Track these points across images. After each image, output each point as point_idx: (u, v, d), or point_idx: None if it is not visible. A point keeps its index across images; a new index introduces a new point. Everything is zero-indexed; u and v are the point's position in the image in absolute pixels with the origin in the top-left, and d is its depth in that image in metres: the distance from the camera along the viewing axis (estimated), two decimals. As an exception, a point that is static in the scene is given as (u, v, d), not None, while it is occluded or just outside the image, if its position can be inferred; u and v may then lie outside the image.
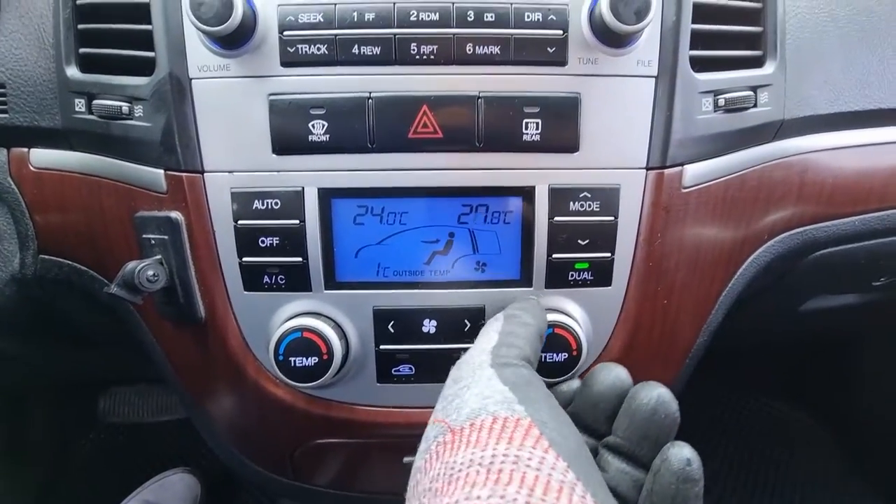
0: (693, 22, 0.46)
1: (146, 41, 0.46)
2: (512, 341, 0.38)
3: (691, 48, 0.46)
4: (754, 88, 0.49)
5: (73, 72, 0.49)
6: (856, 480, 1.12)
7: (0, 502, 0.99)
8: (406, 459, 0.56)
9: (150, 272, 0.45)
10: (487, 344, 0.38)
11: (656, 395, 0.37)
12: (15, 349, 0.75)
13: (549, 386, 0.46)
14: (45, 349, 0.79)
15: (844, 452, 1.15)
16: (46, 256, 0.56)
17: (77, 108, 0.49)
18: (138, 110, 0.46)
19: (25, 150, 0.53)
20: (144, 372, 1.20)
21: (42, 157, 0.53)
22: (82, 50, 0.49)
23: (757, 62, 0.51)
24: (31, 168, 0.53)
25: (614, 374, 0.40)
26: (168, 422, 1.30)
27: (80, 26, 0.49)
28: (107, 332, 0.69)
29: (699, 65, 0.47)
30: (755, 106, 0.50)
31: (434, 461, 0.30)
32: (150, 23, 0.45)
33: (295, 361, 0.46)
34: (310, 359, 0.46)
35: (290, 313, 0.48)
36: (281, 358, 0.46)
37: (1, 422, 1.03)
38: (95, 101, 0.47)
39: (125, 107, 0.46)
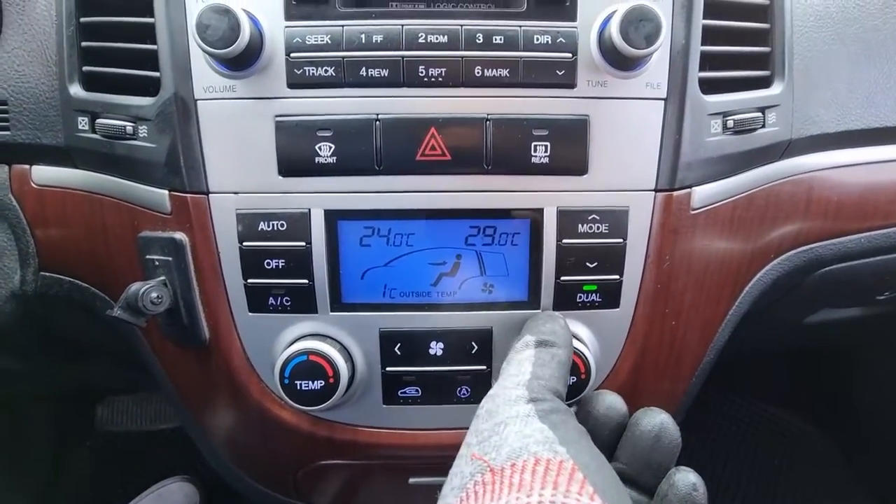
0: (702, 44, 0.46)
1: (151, 60, 0.45)
2: (545, 373, 0.37)
3: (700, 70, 0.46)
4: (762, 109, 0.49)
5: (76, 90, 0.48)
6: (857, 488, 1.12)
7: (-2, 513, 0.99)
8: (412, 480, 0.56)
9: (154, 294, 0.44)
10: (521, 377, 0.37)
11: (659, 422, 0.37)
12: (15, 364, 0.74)
13: None
14: (44, 364, 0.79)
15: (846, 460, 1.15)
16: (47, 273, 0.55)
17: (80, 127, 0.48)
18: (143, 130, 0.45)
19: (27, 167, 0.52)
20: (143, 383, 1.20)
21: (44, 174, 0.52)
22: (86, 68, 0.48)
23: (765, 82, 0.51)
24: (33, 185, 0.52)
25: (607, 404, 0.40)
26: (166, 430, 1.29)
27: (84, 44, 0.48)
28: (107, 349, 0.69)
29: (707, 85, 0.47)
30: (763, 126, 0.49)
31: (473, 502, 0.30)
32: (154, 42, 0.45)
33: (301, 385, 0.45)
34: (316, 382, 0.45)
35: (296, 335, 0.47)
36: (286, 381, 0.45)
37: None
38: (99, 120, 0.47)
39: (129, 126, 0.46)
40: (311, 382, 0.45)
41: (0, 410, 1.02)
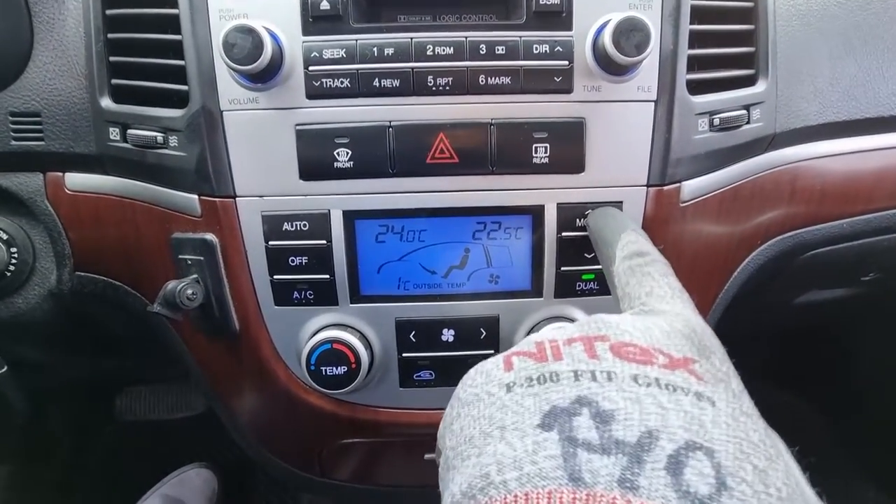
0: (689, 47, 0.49)
1: (176, 74, 0.48)
2: None
3: (688, 71, 0.49)
4: (747, 107, 0.53)
5: (107, 102, 0.52)
6: (847, 462, 1.16)
7: (20, 500, 1.03)
8: (427, 456, 0.60)
9: (190, 291, 0.48)
10: None
11: None
12: (47, 359, 0.78)
13: None
14: (74, 358, 0.83)
15: (835, 432, 1.20)
16: (82, 273, 0.59)
17: (112, 137, 0.52)
18: (173, 140, 0.49)
19: (61, 174, 0.56)
20: (162, 373, 1.24)
21: (77, 180, 0.56)
22: (115, 81, 0.52)
23: (749, 81, 0.54)
24: (67, 191, 0.56)
25: None
26: (183, 419, 1.33)
27: (112, 59, 0.51)
28: (137, 342, 0.73)
29: (694, 86, 0.50)
30: (748, 123, 0.53)
31: None
32: (180, 57, 0.48)
33: (326, 371, 0.49)
34: (339, 368, 0.49)
35: (319, 325, 0.52)
36: (313, 368, 0.49)
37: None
38: (130, 131, 0.50)
39: (160, 136, 0.49)
40: (335, 368, 0.49)
41: (25, 402, 1.06)
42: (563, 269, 0.51)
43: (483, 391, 0.26)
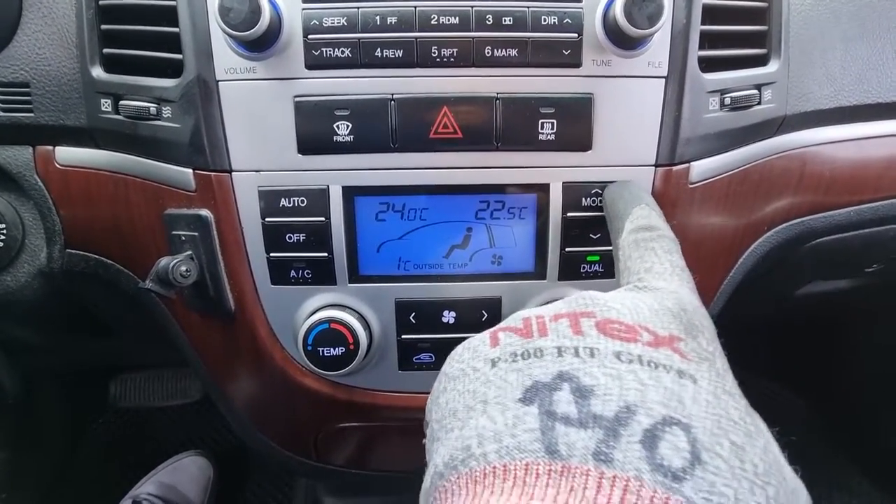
0: (702, 23, 0.47)
1: (171, 42, 0.47)
2: None
3: (699, 48, 0.48)
4: (759, 86, 0.51)
5: (98, 72, 0.50)
6: (828, 446, 1.17)
7: (15, 487, 1.02)
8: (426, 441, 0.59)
9: (184, 268, 0.47)
10: None
11: None
12: (38, 339, 0.77)
13: None
14: (66, 339, 0.82)
15: (823, 425, 1.20)
16: (73, 251, 0.57)
17: (103, 108, 0.50)
18: (166, 111, 0.47)
19: (51, 147, 0.54)
20: (156, 358, 1.23)
21: (68, 154, 0.54)
22: (106, 50, 0.50)
23: (761, 60, 0.52)
24: (57, 165, 0.54)
25: None
26: (178, 406, 1.33)
27: (104, 27, 0.50)
28: (130, 323, 0.71)
29: (706, 64, 0.49)
30: (759, 103, 0.51)
31: None
32: (174, 25, 0.46)
33: (323, 351, 0.48)
34: (337, 349, 0.48)
35: (316, 305, 0.50)
36: (310, 348, 0.48)
37: (15, 407, 1.05)
38: (122, 102, 0.49)
39: (153, 108, 0.48)
40: (332, 349, 0.48)
41: (18, 385, 1.05)
42: (567, 250, 0.49)
43: (469, 366, 0.27)
